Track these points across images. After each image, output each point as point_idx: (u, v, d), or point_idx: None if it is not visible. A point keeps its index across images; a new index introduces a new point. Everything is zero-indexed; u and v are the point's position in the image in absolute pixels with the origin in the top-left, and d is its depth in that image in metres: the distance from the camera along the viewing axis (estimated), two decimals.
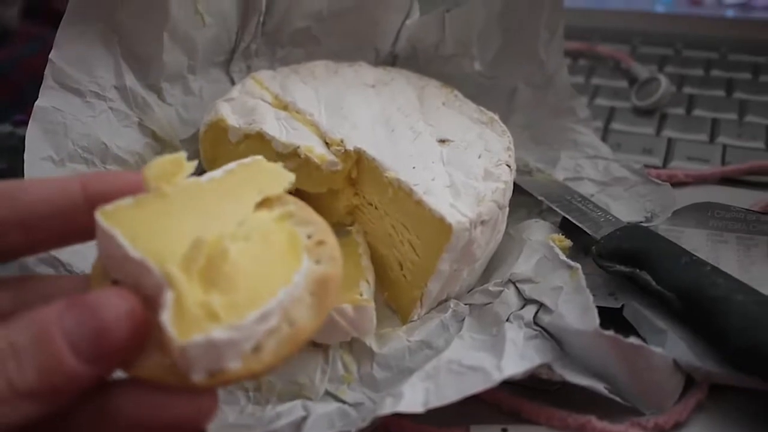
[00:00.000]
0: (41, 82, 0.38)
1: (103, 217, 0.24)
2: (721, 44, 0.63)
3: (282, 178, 0.28)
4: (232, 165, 0.28)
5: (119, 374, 0.23)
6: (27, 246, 0.26)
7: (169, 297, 0.22)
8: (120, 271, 0.25)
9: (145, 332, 0.23)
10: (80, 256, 0.34)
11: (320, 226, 0.27)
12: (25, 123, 0.58)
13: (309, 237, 0.27)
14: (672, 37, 0.65)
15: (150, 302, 0.23)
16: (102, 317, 0.22)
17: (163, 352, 0.23)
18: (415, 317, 0.36)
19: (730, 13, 0.67)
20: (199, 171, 0.27)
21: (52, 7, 0.80)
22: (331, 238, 0.27)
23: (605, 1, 0.70)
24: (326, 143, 0.39)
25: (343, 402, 0.31)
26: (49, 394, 0.21)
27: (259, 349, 0.23)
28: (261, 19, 0.46)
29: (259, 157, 0.29)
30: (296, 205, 0.28)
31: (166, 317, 0.22)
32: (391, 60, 0.49)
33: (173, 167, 0.27)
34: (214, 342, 0.22)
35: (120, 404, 0.23)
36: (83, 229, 0.26)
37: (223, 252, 0.24)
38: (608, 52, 0.62)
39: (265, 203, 0.27)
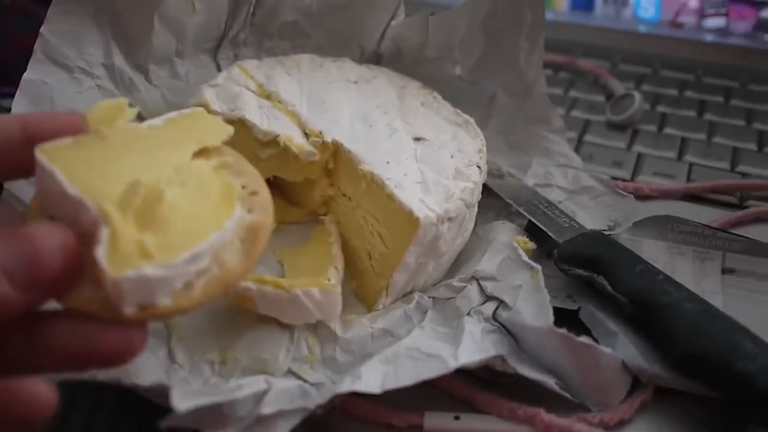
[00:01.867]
0: (29, 58, 0.39)
1: (42, 154, 0.25)
2: (697, 67, 0.65)
3: (221, 130, 0.30)
4: (172, 114, 0.29)
5: (54, 306, 0.24)
6: None
7: (104, 233, 0.23)
8: (57, 208, 0.25)
9: (78, 264, 0.24)
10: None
11: (254, 178, 0.29)
12: (12, 95, 0.59)
13: (243, 187, 0.28)
14: (651, 56, 0.67)
15: (85, 238, 0.24)
16: (37, 248, 0.23)
17: (97, 286, 0.24)
18: (380, 306, 0.37)
19: (708, 37, 0.69)
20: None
21: None
22: (264, 190, 0.28)
23: (590, 17, 0.72)
24: (306, 134, 0.40)
25: (305, 381, 0.32)
26: None
27: (189, 287, 0.24)
28: (251, 9, 0.47)
29: (200, 108, 0.30)
30: (233, 156, 0.29)
31: (101, 252, 0.23)
32: (376, 58, 0.50)
33: (115, 112, 0.28)
34: (145, 278, 0.23)
35: (52, 333, 0.24)
36: (21, 166, 0.27)
37: (158, 194, 0.25)
38: (588, 66, 0.64)
39: (203, 153, 0.29)
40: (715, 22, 0.68)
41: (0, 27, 0.72)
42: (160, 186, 0.26)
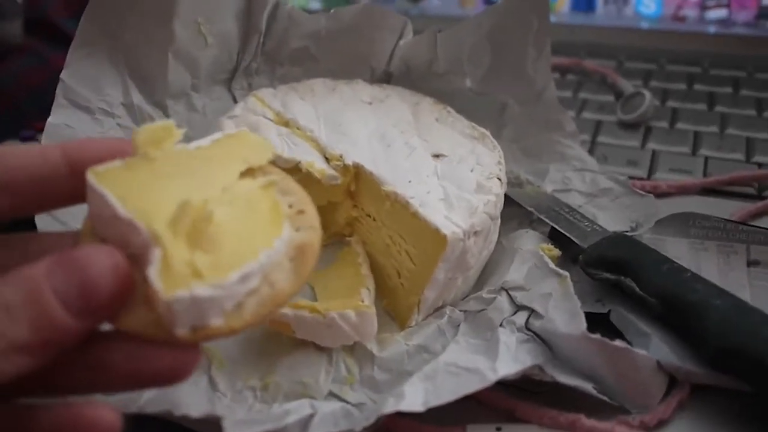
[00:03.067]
0: (40, 97, 0.40)
1: (93, 177, 0.25)
2: (703, 59, 0.66)
3: (266, 149, 0.30)
4: (218, 134, 0.29)
5: (108, 327, 0.24)
6: (11, 210, 0.27)
7: (156, 254, 0.24)
8: (108, 230, 0.26)
9: (131, 287, 0.24)
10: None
11: (301, 196, 0.28)
12: (32, 138, 0.60)
13: (290, 206, 0.28)
14: (656, 52, 0.68)
15: (137, 260, 0.24)
16: (88, 272, 0.23)
17: (149, 307, 0.24)
18: (413, 323, 0.38)
19: (711, 29, 0.69)
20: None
21: (49, 21, 0.81)
22: (310, 208, 0.28)
23: (592, 18, 0.73)
24: (326, 158, 0.41)
25: (346, 402, 0.33)
26: (41, 347, 0.22)
27: (240, 307, 0.24)
28: (261, 39, 0.48)
29: (244, 128, 0.30)
30: (279, 175, 0.29)
31: (153, 273, 0.23)
32: (386, 78, 0.51)
33: (162, 134, 0.28)
34: (197, 298, 0.23)
35: (107, 355, 0.24)
36: (64, 195, 0.27)
37: (208, 214, 0.25)
38: (595, 67, 0.65)
39: (248, 172, 0.29)
40: (717, 13, 0.69)
41: (7, 66, 0.73)
42: (208, 206, 0.26)
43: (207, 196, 0.26)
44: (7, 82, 0.72)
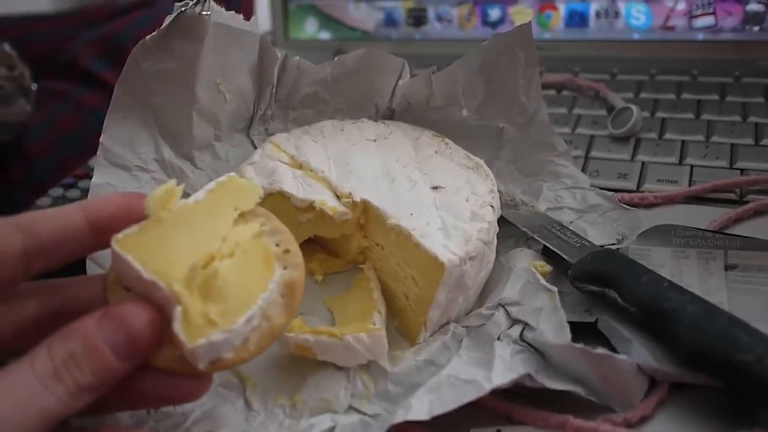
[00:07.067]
0: (76, 140, 0.46)
1: (117, 245, 0.31)
2: (692, 67, 0.69)
3: (253, 192, 0.36)
4: (211, 185, 0.35)
5: None
6: (43, 268, 0.32)
7: (178, 311, 0.30)
8: (133, 285, 0.32)
9: (161, 334, 0.30)
10: None
11: (286, 236, 0.35)
12: (73, 185, 0.66)
13: (277, 245, 0.34)
14: (647, 63, 0.71)
15: (160, 308, 0.30)
16: (133, 327, 0.29)
17: (173, 346, 0.30)
18: (421, 340, 0.42)
19: (700, 36, 0.73)
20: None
21: (79, 64, 0.87)
22: (294, 246, 0.34)
23: (585, 33, 0.77)
24: (337, 196, 0.45)
25: (364, 414, 0.38)
26: (100, 386, 0.29)
27: (246, 342, 0.31)
28: (274, 90, 0.53)
29: (233, 174, 0.36)
30: (266, 216, 0.35)
31: (178, 327, 0.29)
32: (390, 113, 0.56)
33: (167, 195, 0.33)
34: (214, 343, 0.30)
35: (141, 383, 0.31)
36: (87, 247, 0.33)
37: (215, 272, 0.31)
38: (588, 83, 0.68)
39: (241, 216, 0.35)
40: (704, 21, 0.72)
41: (43, 114, 0.79)
42: (213, 260, 0.32)
43: (211, 248, 0.32)
44: (46, 129, 0.78)
